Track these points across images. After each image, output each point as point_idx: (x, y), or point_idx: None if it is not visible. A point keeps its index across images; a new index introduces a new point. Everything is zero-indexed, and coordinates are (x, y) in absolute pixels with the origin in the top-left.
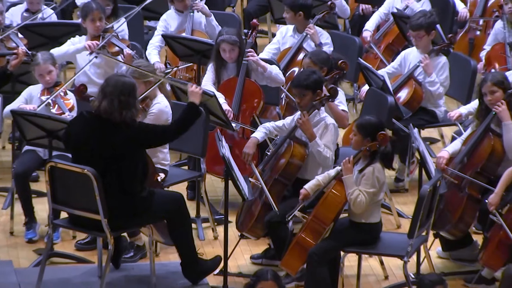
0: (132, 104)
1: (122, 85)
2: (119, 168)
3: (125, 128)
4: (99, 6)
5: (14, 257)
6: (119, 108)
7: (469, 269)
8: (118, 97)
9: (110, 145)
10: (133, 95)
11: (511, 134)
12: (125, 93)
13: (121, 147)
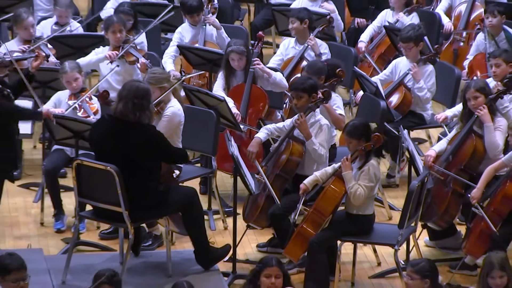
0: (146, 106)
1: (136, 89)
2: (138, 165)
3: (141, 131)
4: (119, 20)
5: (44, 246)
6: (133, 110)
7: (454, 256)
8: (132, 100)
9: (127, 145)
10: (147, 98)
11: (491, 135)
12: (139, 96)
13: (137, 148)
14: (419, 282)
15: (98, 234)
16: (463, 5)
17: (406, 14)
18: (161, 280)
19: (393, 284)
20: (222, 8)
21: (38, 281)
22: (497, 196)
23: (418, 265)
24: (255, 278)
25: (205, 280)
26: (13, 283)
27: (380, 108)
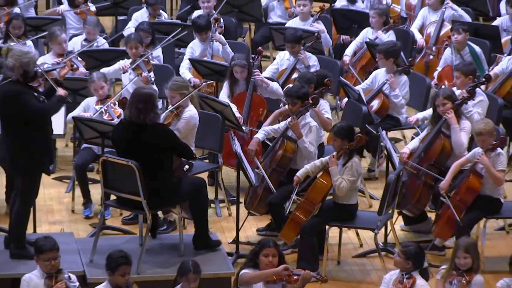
0: (150, 108)
1: (139, 96)
2: (153, 160)
3: (150, 130)
4: (136, 37)
5: (74, 230)
6: (138, 113)
7: (425, 239)
8: (136, 104)
9: (141, 143)
10: (150, 102)
11: (457, 136)
12: (142, 101)
13: (149, 145)
14: (403, 261)
15: (121, 220)
16: (433, 24)
17: (384, 32)
18: (174, 259)
19: (373, 263)
20: (227, 27)
21: (70, 260)
22: (462, 187)
23: (407, 247)
24: (255, 257)
25: (212, 260)
26: (46, 262)
27: (362, 112)
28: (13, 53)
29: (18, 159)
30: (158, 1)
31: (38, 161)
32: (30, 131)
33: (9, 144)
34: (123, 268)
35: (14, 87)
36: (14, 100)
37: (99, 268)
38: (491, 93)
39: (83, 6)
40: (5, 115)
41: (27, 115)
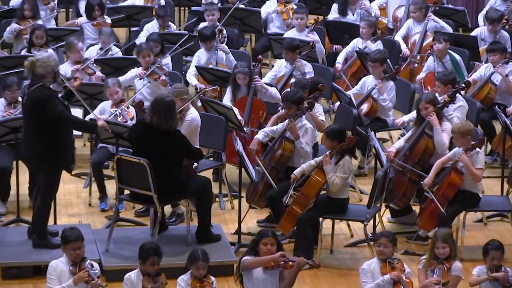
0: (173, 115)
1: (164, 104)
2: (165, 159)
3: (170, 136)
4: (147, 46)
5: (91, 221)
6: (165, 121)
7: (410, 230)
8: (163, 113)
9: (158, 145)
10: (173, 110)
11: (439, 136)
12: (167, 109)
13: (165, 148)
14: (392, 248)
15: (133, 213)
16: (417, 34)
17: (372, 42)
18: (182, 248)
19: (363, 252)
20: (229, 37)
21: (87, 249)
22: (444, 183)
23: (390, 236)
24: (255, 246)
25: (216, 249)
26: (71, 251)
27: (353, 115)
28: (40, 62)
29: (44, 158)
30: (167, 13)
31: (62, 159)
32: (55, 132)
33: (35, 144)
34: (152, 258)
35: (43, 92)
36: (44, 104)
37: (114, 257)
38: (470, 97)
39: (99, 18)
40: (33, 117)
41: (53, 118)
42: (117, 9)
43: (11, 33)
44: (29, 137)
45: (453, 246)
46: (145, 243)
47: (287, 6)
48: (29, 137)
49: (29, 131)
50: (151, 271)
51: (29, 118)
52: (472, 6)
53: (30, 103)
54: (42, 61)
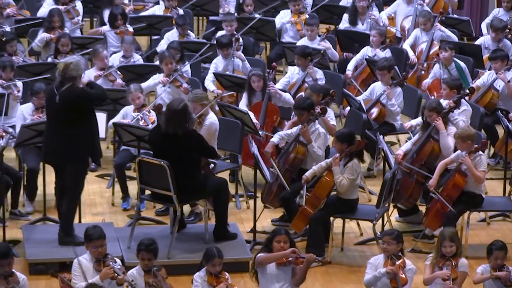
0: (187, 120)
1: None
2: (184, 160)
3: (187, 136)
4: (170, 54)
5: (114, 220)
6: (179, 126)
7: (417, 229)
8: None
9: (176, 147)
10: (185, 113)
11: (445, 140)
12: (173, 116)
13: (183, 149)
14: (396, 246)
15: (154, 212)
16: (424, 43)
17: (381, 50)
18: (200, 246)
19: (371, 249)
20: (245, 45)
21: (110, 246)
22: (449, 184)
23: (395, 234)
24: (269, 243)
25: (233, 246)
26: (94, 249)
27: (362, 119)
28: (73, 65)
29: (77, 150)
30: (186, 22)
31: (93, 151)
32: (88, 126)
33: (69, 139)
34: (142, 254)
35: (77, 89)
36: (80, 97)
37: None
38: (474, 103)
39: (122, 27)
40: (68, 113)
41: (92, 102)
42: (138, 18)
43: (41, 42)
44: (61, 133)
45: (459, 244)
46: (142, 239)
47: (301, 17)
48: (61, 133)
49: (61, 128)
50: (142, 266)
51: (62, 115)
52: (476, 16)
53: (66, 100)
54: (75, 64)
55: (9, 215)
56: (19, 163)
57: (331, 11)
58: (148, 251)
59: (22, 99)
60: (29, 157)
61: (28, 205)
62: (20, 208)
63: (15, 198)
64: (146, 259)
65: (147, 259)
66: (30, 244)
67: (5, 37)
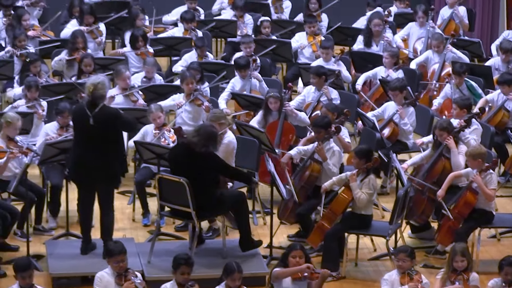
0: (210, 143)
1: (210, 133)
2: (202, 178)
3: (203, 157)
4: (191, 74)
5: (135, 236)
6: (201, 145)
7: (429, 245)
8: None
9: (195, 166)
10: (215, 140)
11: (456, 158)
12: (211, 139)
13: (202, 168)
14: (410, 262)
15: (173, 227)
16: (436, 64)
17: (394, 71)
18: (218, 261)
19: (385, 265)
20: (262, 66)
21: (130, 261)
22: (460, 201)
23: (408, 250)
24: (285, 258)
25: (250, 261)
26: (115, 263)
27: (376, 138)
28: (101, 85)
29: (111, 165)
30: (204, 44)
31: (124, 165)
32: (120, 143)
33: (104, 155)
34: (182, 268)
35: (111, 109)
36: (116, 118)
37: (155, 268)
38: (485, 122)
39: (143, 48)
40: (104, 132)
41: (125, 126)
42: (159, 39)
43: (57, 62)
44: (94, 151)
45: (470, 259)
46: (178, 254)
47: (316, 38)
48: (94, 151)
49: (93, 146)
50: (181, 280)
51: (95, 134)
52: (486, 38)
53: (100, 120)
54: (102, 83)
55: (33, 230)
56: (42, 180)
57: (345, 33)
58: (188, 265)
59: (46, 118)
60: (53, 174)
61: (52, 220)
62: (44, 223)
63: (38, 214)
64: (186, 273)
65: (186, 273)
66: (53, 258)
67: (29, 58)
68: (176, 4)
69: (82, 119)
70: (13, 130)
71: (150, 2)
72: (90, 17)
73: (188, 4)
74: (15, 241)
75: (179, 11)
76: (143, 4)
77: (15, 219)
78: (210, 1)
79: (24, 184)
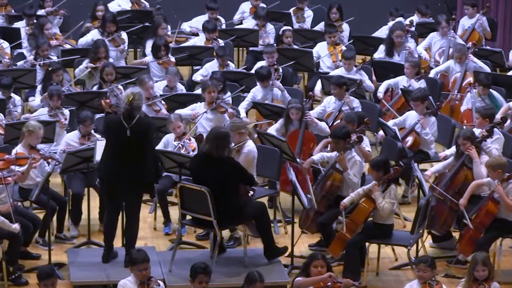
0: (225, 145)
1: (217, 134)
2: (223, 186)
3: (223, 164)
4: (213, 83)
5: (156, 244)
6: (216, 149)
7: (450, 254)
8: (215, 141)
9: (214, 173)
10: (227, 139)
11: (478, 168)
12: (219, 139)
13: (221, 175)
14: (430, 272)
15: (195, 236)
16: (458, 74)
17: (416, 80)
18: (239, 269)
19: (406, 274)
20: (284, 75)
21: (152, 270)
22: (481, 211)
23: (429, 260)
24: (307, 267)
25: (271, 270)
26: (138, 272)
27: (398, 147)
28: (138, 96)
29: (149, 173)
30: (226, 53)
31: (159, 172)
32: (152, 154)
33: (141, 163)
34: (200, 277)
35: (149, 119)
36: (150, 128)
37: (177, 277)
38: (507, 132)
39: (165, 58)
40: (142, 142)
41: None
42: (180, 49)
43: (81, 71)
44: (131, 161)
45: (491, 268)
46: (196, 263)
47: (336, 48)
48: (131, 161)
49: (131, 156)
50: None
51: (132, 144)
52: (508, 47)
53: (137, 131)
54: (140, 94)
55: (55, 239)
56: (64, 189)
57: (367, 42)
58: (206, 274)
59: (69, 127)
60: (74, 182)
61: (73, 229)
62: (65, 232)
63: (60, 223)
64: (204, 282)
65: (204, 282)
66: (74, 267)
67: (51, 67)
68: (198, 13)
69: (118, 130)
70: (35, 139)
71: (172, 11)
72: (112, 25)
73: (210, 14)
74: (37, 250)
75: (199, 20)
76: (165, 14)
77: (37, 227)
78: (232, 10)
79: (46, 192)
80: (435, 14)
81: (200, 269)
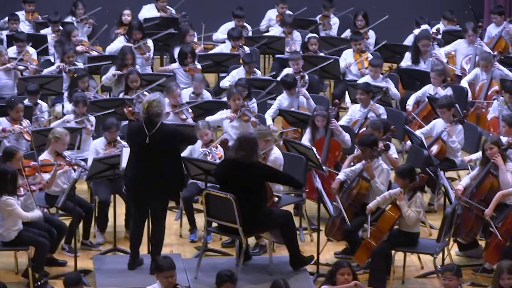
0: (253, 150)
1: (244, 140)
2: (249, 194)
3: (251, 169)
4: (238, 91)
5: (182, 251)
6: (245, 154)
7: (476, 263)
8: (241, 146)
9: (241, 178)
10: (253, 146)
11: (504, 175)
12: (247, 144)
13: (248, 182)
14: (456, 280)
15: (220, 244)
16: (484, 81)
17: (442, 88)
18: (265, 277)
19: (432, 283)
20: (310, 82)
21: (178, 277)
22: (508, 219)
23: (455, 269)
24: (333, 275)
25: (297, 278)
26: (164, 279)
27: (424, 155)
28: (157, 102)
29: (172, 181)
30: (252, 60)
31: (185, 180)
32: (176, 162)
33: (165, 171)
34: (226, 284)
35: (170, 127)
36: (176, 135)
37: (202, 284)
38: None
39: (191, 65)
40: (165, 149)
41: (184, 143)
42: (207, 56)
43: (109, 79)
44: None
45: None
46: (221, 271)
47: (362, 56)
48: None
49: (153, 163)
50: None
51: (153, 151)
52: None
53: (157, 139)
54: (158, 101)
55: (81, 245)
56: (90, 196)
57: (393, 50)
58: (231, 282)
59: (95, 133)
60: (100, 189)
61: (99, 236)
62: (91, 239)
63: (86, 229)
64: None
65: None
66: (100, 274)
67: (77, 74)
68: (225, 20)
69: (139, 137)
70: (62, 145)
71: (199, 19)
72: (138, 32)
73: (236, 22)
74: (63, 256)
75: (227, 27)
76: (191, 20)
77: (63, 234)
78: (258, 18)
79: (72, 199)
80: (462, 22)
81: (226, 276)
